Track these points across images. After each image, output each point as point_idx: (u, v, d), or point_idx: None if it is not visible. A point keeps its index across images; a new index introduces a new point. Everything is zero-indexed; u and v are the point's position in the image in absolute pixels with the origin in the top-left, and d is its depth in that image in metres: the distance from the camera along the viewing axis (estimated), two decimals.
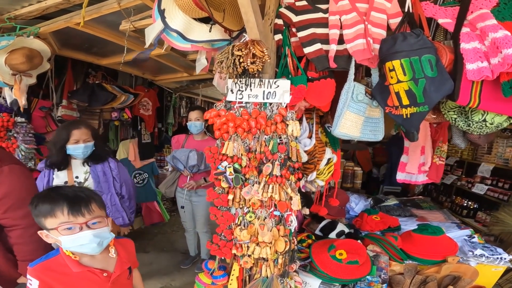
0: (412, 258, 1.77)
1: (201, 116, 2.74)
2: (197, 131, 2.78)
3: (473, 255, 1.79)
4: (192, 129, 2.78)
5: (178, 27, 1.31)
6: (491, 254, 1.80)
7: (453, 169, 4.34)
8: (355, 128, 1.44)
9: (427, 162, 1.87)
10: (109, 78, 3.61)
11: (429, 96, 1.20)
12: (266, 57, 1.24)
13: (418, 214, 2.57)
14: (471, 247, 1.88)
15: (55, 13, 2.13)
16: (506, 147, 3.34)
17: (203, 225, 3.00)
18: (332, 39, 1.37)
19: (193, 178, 2.83)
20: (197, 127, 2.76)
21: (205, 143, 2.80)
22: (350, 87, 1.42)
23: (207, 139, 2.88)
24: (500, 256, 1.79)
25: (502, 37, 1.12)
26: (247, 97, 1.39)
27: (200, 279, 1.52)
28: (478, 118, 1.32)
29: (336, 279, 1.53)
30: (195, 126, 2.75)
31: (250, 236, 1.37)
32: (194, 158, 2.70)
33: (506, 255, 1.80)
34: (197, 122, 2.74)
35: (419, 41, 1.21)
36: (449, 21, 1.32)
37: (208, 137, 2.91)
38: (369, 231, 2.04)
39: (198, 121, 2.74)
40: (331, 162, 1.65)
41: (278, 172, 1.32)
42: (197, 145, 2.81)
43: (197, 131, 2.79)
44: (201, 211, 2.91)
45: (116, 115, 3.75)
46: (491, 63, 1.15)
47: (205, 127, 2.84)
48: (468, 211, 3.75)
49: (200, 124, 2.75)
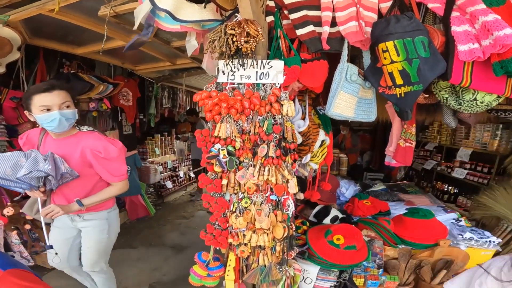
0: (405, 242, 1.80)
1: (70, 99, 1.61)
2: (63, 128, 1.60)
3: (462, 238, 1.81)
4: (53, 125, 1.56)
5: (168, 7, 1.23)
6: (480, 237, 1.83)
7: (433, 154, 4.46)
8: (349, 108, 1.44)
9: (391, 144, 1.91)
10: (86, 68, 3.45)
11: (423, 75, 1.25)
12: (260, 36, 1.19)
13: (405, 198, 2.64)
14: (460, 230, 1.91)
15: (26, 2, 2.00)
16: (484, 132, 3.46)
17: (95, 262, 1.97)
18: (324, 21, 1.37)
19: (54, 197, 1.73)
20: (67, 119, 1.58)
21: (77, 141, 1.67)
22: (344, 67, 1.42)
23: (81, 135, 1.70)
24: (489, 239, 1.82)
25: (492, 21, 1.18)
26: (240, 78, 1.34)
27: (195, 272, 1.47)
28: (469, 97, 1.37)
29: (335, 265, 1.53)
30: (60, 118, 1.55)
31: (247, 223, 1.34)
32: (49, 167, 1.52)
33: (494, 238, 1.84)
34: (67, 111, 1.57)
35: (412, 23, 1.25)
36: (438, 6, 1.36)
37: (85, 131, 1.72)
38: (361, 216, 2.07)
39: (67, 109, 1.58)
40: (324, 144, 1.65)
41: (274, 154, 1.29)
42: (61, 146, 1.66)
43: (66, 127, 1.61)
44: (90, 242, 1.89)
45: (94, 105, 3.61)
46: (482, 45, 1.21)
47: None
48: (449, 195, 3.88)
49: (71, 114, 1.60)
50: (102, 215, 1.87)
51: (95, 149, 1.66)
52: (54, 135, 1.68)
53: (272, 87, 1.34)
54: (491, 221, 2.84)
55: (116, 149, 1.70)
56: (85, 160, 1.68)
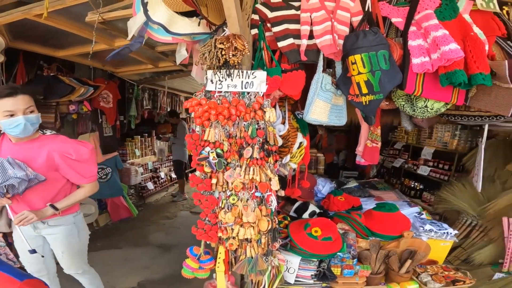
0: (375, 234, 1.96)
1: (33, 103, 1.60)
2: (28, 133, 1.58)
3: (423, 230, 1.98)
4: (17, 131, 1.54)
5: (161, 20, 1.34)
6: (439, 229, 1.99)
7: (401, 153, 4.75)
8: (323, 114, 1.61)
9: (360, 144, 2.11)
10: (65, 71, 3.43)
11: (383, 86, 1.39)
12: (247, 50, 1.34)
13: (375, 194, 2.86)
14: (421, 223, 2.08)
15: (9, 6, 2.02)
16: (445, 132, 3.79)
17: (75, 266, 1.98)
18: (303, 34, 1.51)
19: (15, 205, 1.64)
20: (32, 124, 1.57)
21: (41, 145, 1.65)
22: (319, 77, 1.58)
23: (45, 138, 1.68)
24: (446, 231, 1.98)
25: (441, 36, 1.33)
26: (227, 87, 1.47)
27: (187, 265, 1.57)
28: (421, 104, 1.56)
29: (314, 255, 1.68)
30: (25, 123, 1.53)
31: (235, 218, 1.47)
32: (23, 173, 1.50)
33: (451, 229, 2.00)
34: (31, 115, 1.56)
35: (376, 38, 1.39)
36: (400, 20, 1.51)
37: (49, 135, 1.71)
38: (336, 211, 2.24)
39: (31, 113, 1.57)
40: (302, 146, 1.81)
41: (258, 155, 1.44)
42: (21, 150, 1.62)
43: (30, 132, 1.59)
44: (62, 248, 1.87)
45: (74, 108, 3.59)
46: (432, 58, 1.37)
47: None
48: (415, 191, 4.09)
49: (36, 118, 1.59)
50: (68, 220, 1.86)
51: (64, 152, 1.66)
52: (14, 139, 1.62)
53: (256, 95, 1.48)
54: (452, 215, 3.04)
55: (88, 150, 1.72)
56: (51, 164, 1.66)
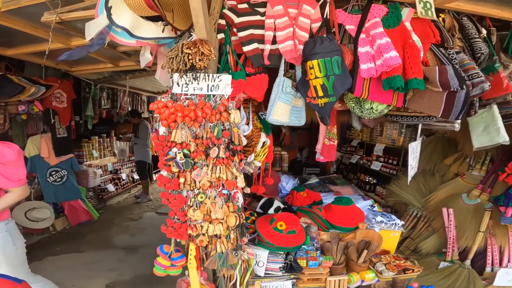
0: (334, 226, 2.10)
1: None
2: None
3: (376, 221, 2.13)
4: None
5: (125, 24, 1.34)
6: (388, 220, 2.14)
7: (357, 150, 5.10)
8: (284, 115, 1.72)
9: (319, 143, 2.29)
10: (14, 69, 3.18)
11: (336, 90, 1.53)
12: (213, 55, 1.40)
13: (334, 189, 3.07)
14: (373, 215, 2.24)
15: None
16: (393, 130, 4.18)
17: (18, 274, 1.69)
18: (267, 39, 1.60)
19: None
20: None
21: None
22: (280, 81, 1.69)
23: None
24: (395, 222, 2.13)
25: (384, 44, 1.49)
26: (193, 90, 1.53)
27: (159, 263, 1.59)
28: (367, 106, 1.73)
29: (280, 248, 1.78)
30: None
31: (203, 215, 1.53)
32: None
33: (399, 220, 2.16)
34: None
35: (332, 45, 1.52)
36: (353, 28, 1.66)
37: None
38: (299, 206, 2.36)
39: None
40: (265, 145, 1.92)
41: (224, 155, 1.51)
42: None
43: None
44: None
45: (23, 108, 3.38)
46: (376, 64, 1.52)
47: None
48: (370, 186, 4.40)
49: None
50: (0, 228, 1.76)
51: None
52: None
53: (222, 98, 1.55)
54: (401, 207, 3.32)
55: (13, 152, 1.65)
56: None
